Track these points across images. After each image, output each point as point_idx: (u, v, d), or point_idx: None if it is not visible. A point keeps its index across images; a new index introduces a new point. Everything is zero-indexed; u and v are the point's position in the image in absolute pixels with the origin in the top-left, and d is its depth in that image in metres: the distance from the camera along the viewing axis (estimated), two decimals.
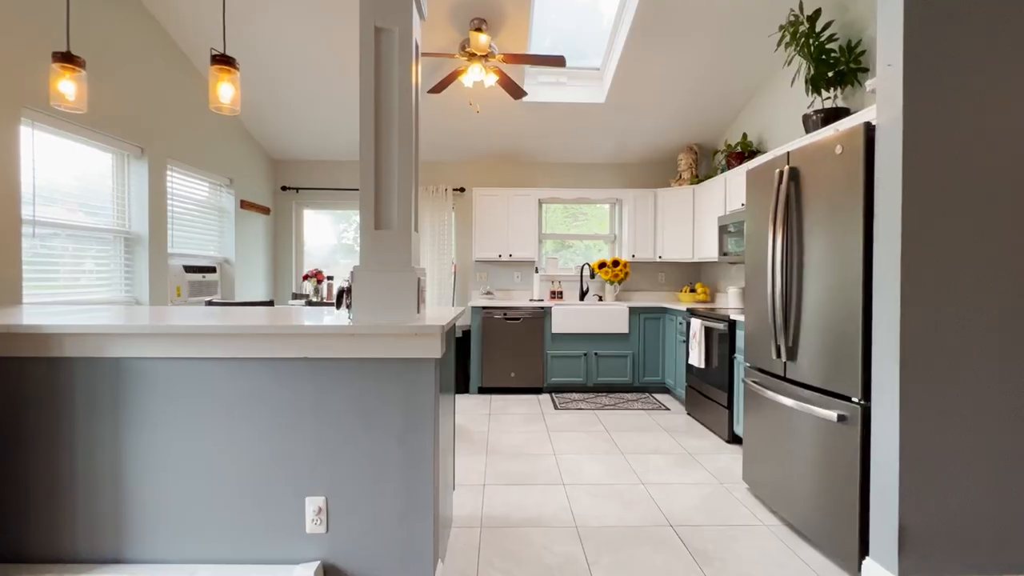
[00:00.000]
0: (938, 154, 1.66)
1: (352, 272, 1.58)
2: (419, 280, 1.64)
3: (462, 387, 4.69)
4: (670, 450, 3.22)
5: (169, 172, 3.58)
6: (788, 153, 2.24)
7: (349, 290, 1.58)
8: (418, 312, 1.63)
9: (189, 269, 3.83)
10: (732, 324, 3.33)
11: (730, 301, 4.20)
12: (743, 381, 2.61)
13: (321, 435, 1.59)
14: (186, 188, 3.83)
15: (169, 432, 1.58)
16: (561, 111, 4.38)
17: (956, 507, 1.69)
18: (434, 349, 1.56)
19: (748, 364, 2.64)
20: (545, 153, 5.08)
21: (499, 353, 4.63)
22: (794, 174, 2.19)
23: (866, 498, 1.82)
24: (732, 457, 3.09)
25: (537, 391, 4.73)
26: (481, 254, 4.94)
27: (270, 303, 3.27)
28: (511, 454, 3.13)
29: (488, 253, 4.94)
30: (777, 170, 2.27)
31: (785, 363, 2.25)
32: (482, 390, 4.72)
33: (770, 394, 2.32)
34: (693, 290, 5.06)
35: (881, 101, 1.76)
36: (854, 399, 1.87)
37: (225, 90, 1.80)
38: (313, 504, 1.60)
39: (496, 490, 2.61)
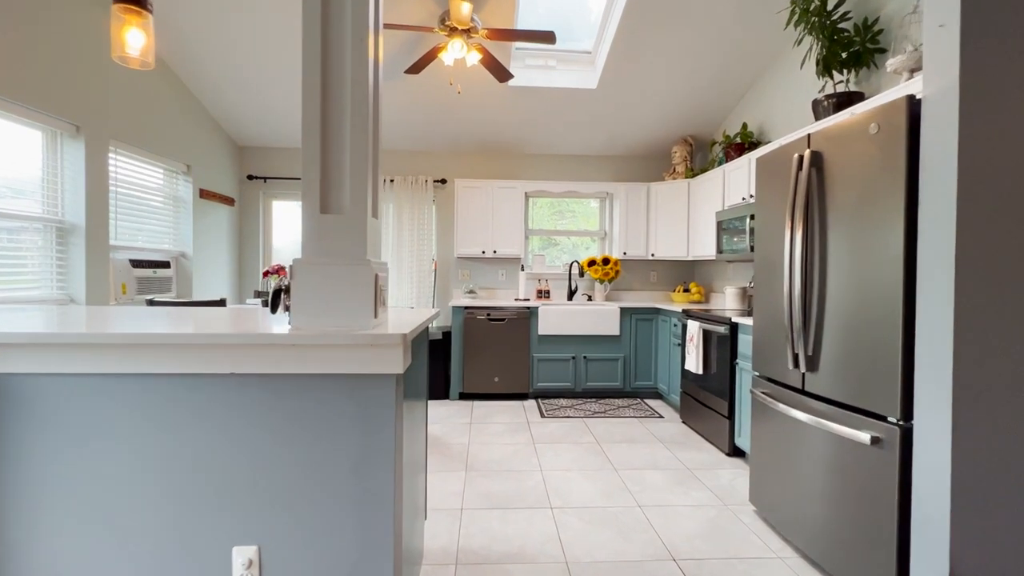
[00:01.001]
0: (1003, 130, 1.40)
1: (291, 266, 1.26)
2: (377, 277, 1.33)
3: (441, 393, 4.37)
4: (667, 465, 2.95)
5: (112, 155, 3.19)
6: (809, 135, 1.98)
7: (287, 289, 1.26)
8: (376, 316, 1.32)
9: (137, 264, 3.44)
10: (734, 327, 3.07)
11: (728, 302, 3.95)
12: (751, 392, 2.34)
13: (253, 469, 1.27)
14: (134, 173, 3.44)
15: (53, 469, 1.24)
16: (550, 97, 4.09)
17: (1019, 551, 1.44)
18: (394, 362, 1.25)
19: (756, 373, 2.37)
20: (532, 144, 4.79)
21: (482, 356, 4.33)
22: (816, 159, 1.92)
23: (905, 534, 1.56)
24: (734, 473, 2.83)
25: (522, 397, 4.43)
26: (463, 250, 4.63)
27: (221, 303, 2.92)
28: (493, 470, 2.83)
29: (471, 249, 4.63)
30: (796, 155, 2.00)
31: (803, 374, 1.99)
32: (463, 396, 4.41)
33: (784, 408, 2.05)
34: (687, 290, 4.81)
35: (929, 69, 1.49)
36: (891, 419, 1.60)
37: (133, 37, 1.45)
38: (242, 556, 1.28)
39: (475, 516, 2.30)
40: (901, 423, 1.57)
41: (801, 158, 1.99)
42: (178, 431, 1.25)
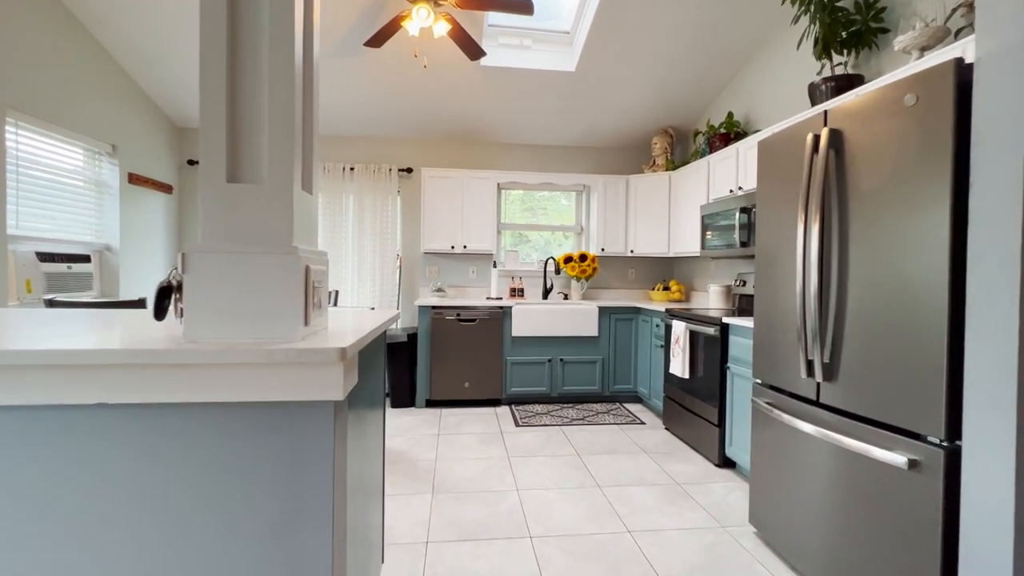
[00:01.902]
0: None
1: (183, 254, 0.91)
2: (309, 270, 0.99)
3: (407, 400, 4.01)
4: (654, 479, 2.69)
5: (10, 128, 2.70)
6: (825, 112, 1.74)
7: (180, 286, 0.92)
8: (307, 323, 0.98)
9: (47, 257, 2.96)
10: (724, 329, 2.84)
11: (712, 301, 3.75)
12: (752, 402, 2.10)
13: (136, 534, 0.92)
14: (42, 151, 2.95)
15: None
16: (525, 79, 3.78)
17: None
18: (331, 386, 0.92)
19: (758, 381, 2.14)
20: (506, 131, 4.47)
21: (451, 360, 3.99)
22: (835, 139, 1.68)
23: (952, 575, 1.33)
24: (727, 487, 2.60)
25: (495, 403, 4.12)
26: (431, 245, 4.27)
27: (140, 303, 2.49)
28: (464, 491, 2.51)
29: (439, 244, 4.28)
30: (810, 135, 1.76)
31: (818, 384, 1.75)
32: (431, 403, 4.07)
33: (793, 421, 1.82)
34: (667, 288, 4.60)
35: (984, 26, 1.26)
36: (932, 438, 1.37)
37: None
38: None
39: (443, 551, 1.98)
40: (945, 444, 1.34)
41: (817, 138, 1.75)
42: (22, 485, 0.89)
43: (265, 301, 0.93)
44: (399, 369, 3.99)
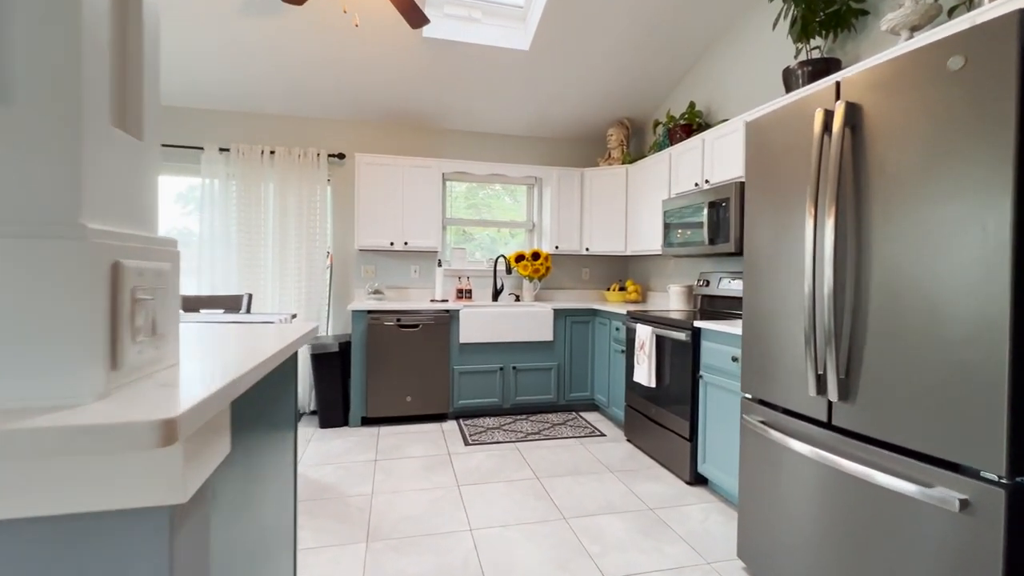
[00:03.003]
0: None
1: None
2: (120, 270, 0.55)
3: (339, 419, 3.50)
4: (624, 504, 2.39)
5: None
6: (838, 83, 1.48)
7: None
8: (116, 366, 0.54)
9: None
10: (696, 334, 2.60)
11: (672, 302, 3.53)
12: (742, 420, 1.84)
13: None
14: None
15: None
16: (473, 56, 3.38)
17: None
18: (158, 482, 0.49)
19: (747, 396, 1.88)
20: (452, 116, 4.05)
21: (390, 371, 3.52)
22: (852, 114, 1.43)
23: None
24: (703, 510, 2.35)
25: (441, 418, 3.70)
26: (367, 241, 3.78)
27: None
28: (406, 535, 2.08)
29: (376, 240, 3.79)
30: (820, 111, 1.50)
31: (830, 403, 1.50)
32: (367, 421, 3.58)
33: (794, 445, 1.56)
34: (623, 288, 4.37)
35: None
36: (989, 474, 1.13)
37: None
38: None
39: None
40: (1004, 480, 1.10)
41: (829, 115, 1.49)
42: None
43: (20, 328, 0.49)
44: (329, 383, 3.47)
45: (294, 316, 2.68)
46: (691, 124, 3.38)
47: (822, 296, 1.49)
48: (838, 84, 1.48)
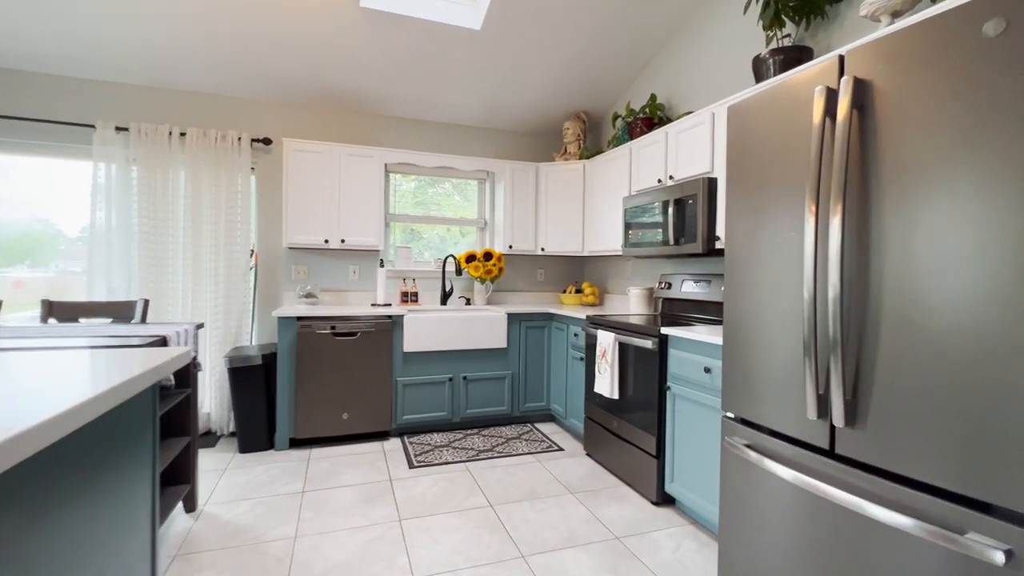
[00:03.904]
0: None
1: None
2: None
3: (262, 442, 3.05)
4: (588, 534, 2.14)
5: None
6: (841, 57, 1.28)
7: None
8: None
9: None
10: (663, 341, 2.39)
11: (632, 305, 3.34)
12: (725, 443, 1.62)
13: None
14: None
15: None
16: (420, 33, 3.04)
17: None
18: None
19: (729, 415, 1.67)
20: (396, 101, 3.68)
21: (324, 385, 3.12)
22: (860, 93, 1.23)
23: None
24: (674, 537, 2.13)
25: (382, 436, 3.33)
26: (298, 238, 3.34)
27: None
28: None
29: (309, 237, 3.36)
30: (820, 89, 1.29)
31: (833, 428, 1.29)
32: (297, 443, 3.15)
33: (787, 475, 1.35)
34: (579, 290, 4.16)
35: None
36: None
37: None
38: None
39: None
40: None
41: (833, 94, 1.28)
42: None
43: None
44: (251, 401, 3.02)
45: (200, 326, 2.24)
46: (652, 117, 3.20)
47: (825, 304, 1.29)
48: (842, 58, 1.28)
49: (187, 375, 2.18)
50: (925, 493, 1.09)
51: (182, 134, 3.25)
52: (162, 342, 1.81)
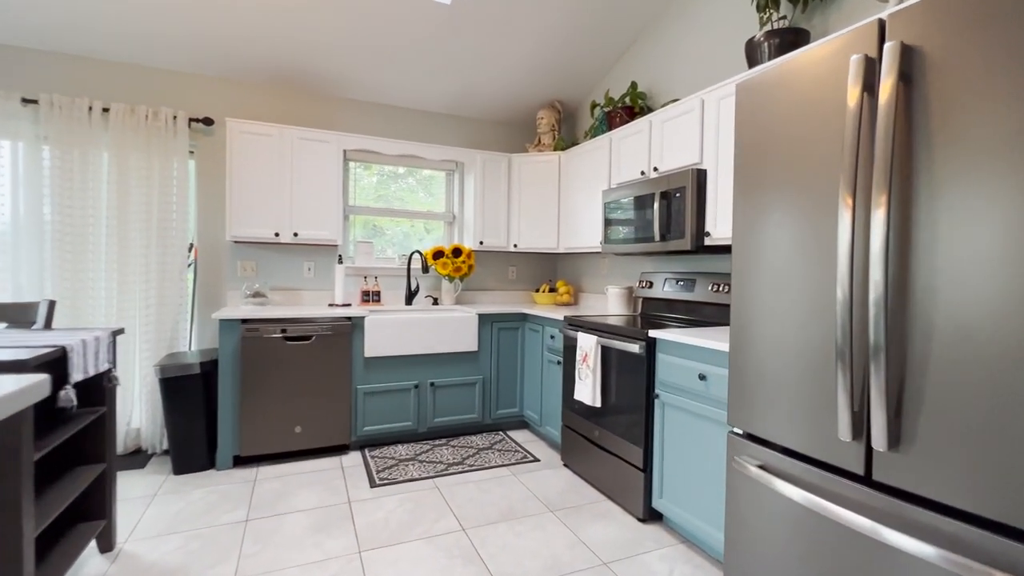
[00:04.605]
0: None
1: None
2: None
3: (201, 461, 2.69)
4: (573, 560, 1.93)
5: None
6: (882, 22, 1.10)
7: None
8: None
9: None
10: (651, 345, 2.21)
11: (611, 305, 3.16)
12: (735, 463, 1.44)
13: None
14: None
15: None
16: (381, 5, 2.75)
17: None
18: None
19: (737, 430, 1.49)
20: (355, 83, 3.36)
21: (274, 395, 2.78)
22: (908, 61, 1.05)
23: None
24: (666, 559, 1.95)
25: (341, 450, 3.02)
26: (244, 231, 2.98)
27: None
28: None
29: (256, 230, 3.01)
30: (857, 58, 1.11)
31: (870, 451, 1.12)
32: (242, 462, 2.80)
33: (812, 501, 1.17)
34: (553, 289, 3.96)
35: None
36: None
37: None
38: None
39: None
40: None
41: (872, 64, 1.10)
42: None
43: None
44: (188, 415, 2.66)
45: (119, 332, 1.89)
46: (633, 106, 3.02)
47: (864, 307, 1.11)
48: (882, 22, 1.10)
49: (100, 391, 1.83)
50: (988, 531, 0.93)
51: (105, 110, 2.83)
52: (59, 353, 1.48)
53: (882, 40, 1.10)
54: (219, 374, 2.69)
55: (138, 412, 2.90)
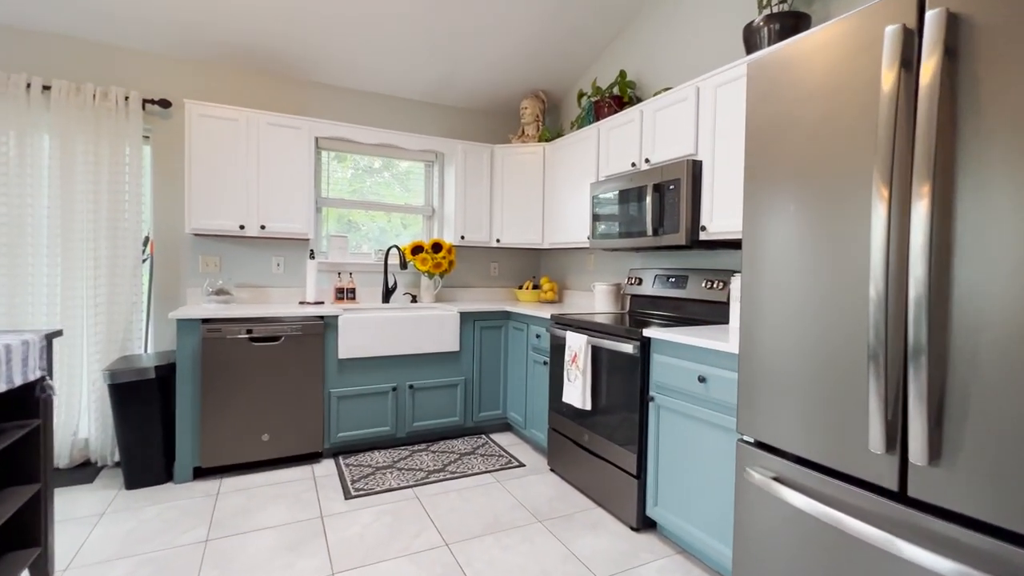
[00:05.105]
0: None
1: None
2: None
3: (158, 474, 2.46)
4: (566, 575, 1.81)
5: None
6: None
7: None
8: None
9: None
10: (645, 345, 2.10)
11: (598, 302, 3.05)
12: (747, 474, 1.33)
13: None
14: None
15: None
16: None
17: None
18: None
19: (746, 438, 1.38)
20: (328, 66, 3.15)
21: (239, 401, 2.57)
22: (954, 34, 0.94)
23: None
24: (662, 571, 1.84)
25: (313, 459, 2.82)
26: (205, 223, 2.75)
27: None
28: None
29: (219, 221, 2.78)
30: (894, 29, 1.00)
31: (905, 464, 1.02)
32: (203, 474, 2.59)
33: (839, 520, 1.07)
34: (537, 286, 3.83)
35: None
36: None
37: None
38: None
39: None
40: None
41: (911, 36, 0.99)
42: None
43: None
44: (142, 424, 2.43)
45: (55, 334, 1.67)
46: (623, 96, 2.90)
47: (901, 306, 1.00)
48: None
49: (33, 402, 1.61)
50: None
51: (46, 87, 2.56)
52: None
53: (922, 7, 0.99)
54: (177, 379, 2.46)
55: (86, 421, 2.65)
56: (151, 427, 2.44)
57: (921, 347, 0.94)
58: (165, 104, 2.83)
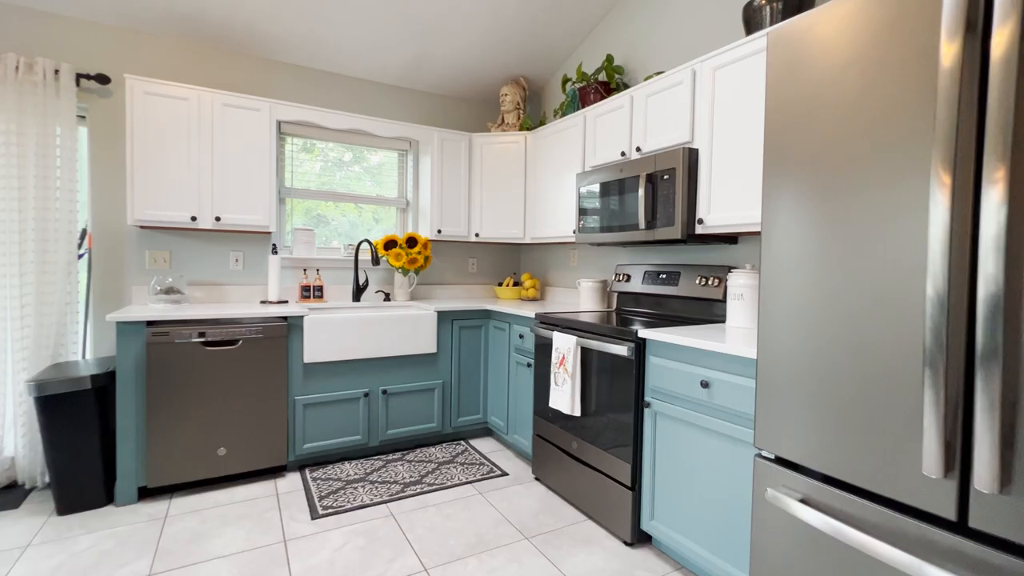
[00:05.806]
0: None
1: None
2: None
3: (96, 496, 2.18)
4: None
5: None
6: None
7: None
8: None
9: None
10: (640, 346, 1.95)
11: (583, 300, 2.89)
12: (766, 494, 1.19)
13: None
14: None
15: None
16: None
17: None
18: None
19: (766, 453, 1.24)
20: (291, 43, 2.88)
21: (190, 412, 2.31)
22: None
23: None
24: None
25: (276, 473, 2.58)
26: (151, 213, 2.46)
27: None
28: None
29: (168, 212, 2.50)
30: None
31: (966, 490, 0.88)
32: (150, 494, 2.31)
33: (884, 553, 0.93)
34: (518, 283, 3.65)
35: None
36: None
37: None
38: None
39: None
40: None
41: None
42: None
43: None
44: (75, 440, 2.14)
45: None
46: (610, 82, 2.74)
47: (963, 307, 0.87)
48: None
49: None
50: None
51: None
52: None
53: None
54: (118, 389, 2.18)
55: (11, 438, 2.34)
56: (87, 443, 2.16)
57: (994, 351, 0.80)
58: (103, 79, 2.52)
